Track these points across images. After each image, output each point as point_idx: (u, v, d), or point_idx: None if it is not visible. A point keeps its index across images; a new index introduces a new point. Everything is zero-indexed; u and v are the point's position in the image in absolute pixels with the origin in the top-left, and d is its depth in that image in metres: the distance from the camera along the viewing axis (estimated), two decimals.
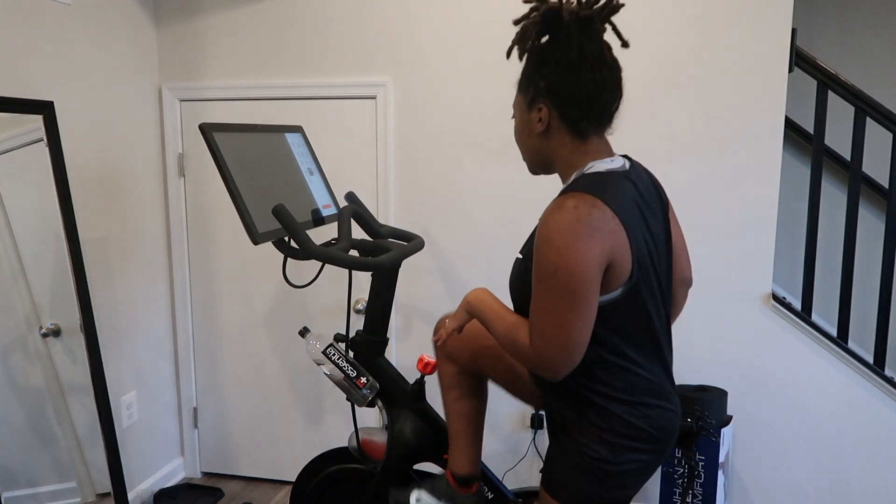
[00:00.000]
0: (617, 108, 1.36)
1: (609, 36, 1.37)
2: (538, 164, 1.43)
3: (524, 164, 1.49)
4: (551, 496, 1.39)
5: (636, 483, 1.40)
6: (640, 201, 1.33)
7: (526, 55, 1.36)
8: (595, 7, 1.30)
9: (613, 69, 1.34)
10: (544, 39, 1.33)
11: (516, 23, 1.34)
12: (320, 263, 2.51)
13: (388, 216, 2.71)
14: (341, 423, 2.93)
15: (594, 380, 1.33)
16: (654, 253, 1.33)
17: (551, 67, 1.31)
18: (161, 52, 2.83)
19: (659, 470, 2.61)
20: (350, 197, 2.16)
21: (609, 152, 1.38)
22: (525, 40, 1.33)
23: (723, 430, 2.34)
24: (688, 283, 1.57)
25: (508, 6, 2.50)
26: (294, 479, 2.25)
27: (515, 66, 1.36)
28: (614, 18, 1.36)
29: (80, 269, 2.29)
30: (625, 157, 1.42)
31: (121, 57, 2.63)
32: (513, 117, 1.45)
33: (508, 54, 1.36)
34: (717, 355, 2.53)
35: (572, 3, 1.30)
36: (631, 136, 2.47)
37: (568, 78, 1.30)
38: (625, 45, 1.35)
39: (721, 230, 2.45)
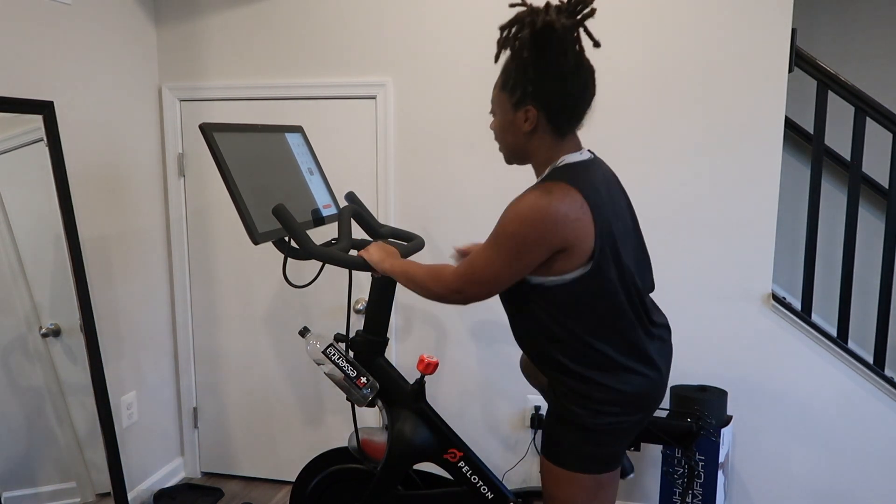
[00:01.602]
0: (590, 106, 1.47)
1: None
2: (516, 157, 1.55)
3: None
4: (546, 458, 1.55)
5: (618, 442, 1.52)
6: (606, 186, 1.48)
7: (513, 56, 1.43)
8: (579, 15, 1.39)
9: (590, 71, 1.44)
10: (533, 46, 1.38)
11: (504, 28, 1.43)
12: (320, 263, 2.51)
13: (388, 216, 2.71)
14: (341, 423, 2.93)
15: (572, 354, 1.47)
16: (621, 232, 1.46)
17: (541, 73, 1.39)
18: (161, 52, 2.83)
19: (659, 470, 2.61)
20: (350, 197, 2.16)
21: (579, 146, 1.50)
22: (518, 48, 1.40)
23: (723, 430, 2.34)
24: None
25: (508, 6, 2.50)
26: (294, 479, 2.25)
27: None
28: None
29: (80, 269, 2.29)
30: (589, 151, 1.55)
31: (121, 57, 2.63)
32: (491, 112, 1.54)
33: (497, 59, 1.45)
34: (717, 355, 2.53)
35: (553, 13, 1.36)
36: (631, 136, 2.47)
37: (558, 84, 1.40)
38: (596, 45, 1.41)
39: (721, 230, 2.45)
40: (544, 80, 1.39)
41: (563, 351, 1.47)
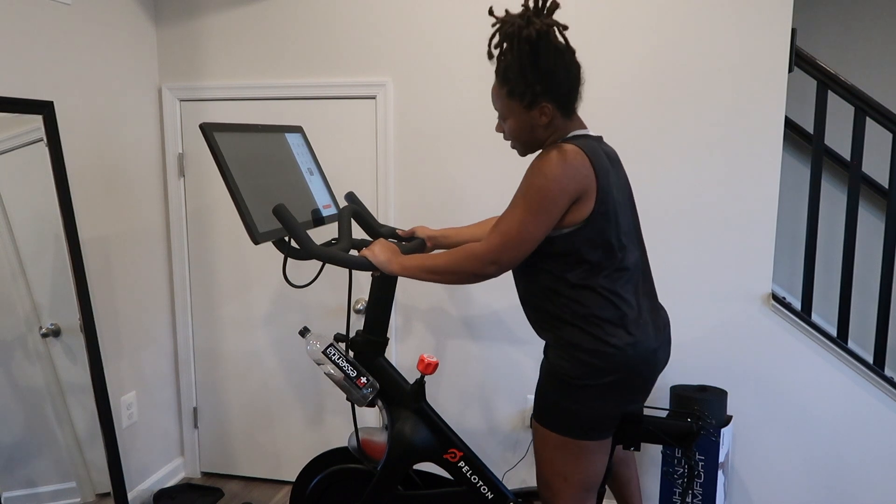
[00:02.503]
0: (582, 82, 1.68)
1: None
2: (533, 147, 1.71)
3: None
4: (534, 418, 1.67)
5: (598, 404, 1.61)
6: (609, 159, 1.65)
7: (513, 66, 1.57)
8: (550, 12, 1.57)
9: (574, 52, 1.61)
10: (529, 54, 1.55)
11: (495, 46, 1.59)
12: (320, 263, 2.51)
13: (388, 216, 2.71)
14: (341, 423, 2.93)
15: (569, 303, 1.61)
16: (620, 197, 1.63)
17: (545, 72, 1.56)
18: (161, 52, 2.83)
19: (659, 470, 2.61)
20: (350, 197, 2.16)
21: (584, 126, 1.68)
22: (516, 59, 1.55)
23: (723, 430, 2.34)
24: None
25: (508, 6, 2.50)
26: (294, 479, 2.25)
27: None
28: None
29: (80, 269, 2.29)
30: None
31: (121, 57, 2.63)
32: (503, 119, 1.68)
33: (499, 75, 1.62)
34: (717, 355, 2.53)
35: (533, 19, 1.53)
36: (631, 136, 2.47)
37: (562, 75, 1.58)
38: (565, 27, 1.60)
39: (721, 230, 2.45)
40: (550, 76, 1.56)
41: (561, 303, 1.61)
